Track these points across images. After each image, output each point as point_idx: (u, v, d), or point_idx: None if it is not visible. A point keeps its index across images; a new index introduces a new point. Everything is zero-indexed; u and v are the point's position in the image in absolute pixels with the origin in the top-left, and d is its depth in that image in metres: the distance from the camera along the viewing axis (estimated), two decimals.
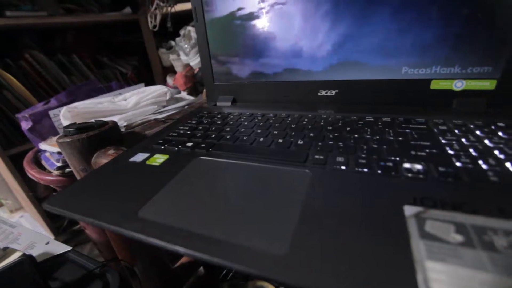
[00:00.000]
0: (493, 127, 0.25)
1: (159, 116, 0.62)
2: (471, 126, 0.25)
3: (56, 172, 0.54)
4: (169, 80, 1.17)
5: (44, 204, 0.21)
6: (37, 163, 0.62)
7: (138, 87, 0.87)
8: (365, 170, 0.20)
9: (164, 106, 0.69)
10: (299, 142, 0.25)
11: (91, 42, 1.12)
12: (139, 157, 0.26)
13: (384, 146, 0.23)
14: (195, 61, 1.03)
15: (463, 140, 0.23)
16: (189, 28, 1.06)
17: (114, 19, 1.04)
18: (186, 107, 0.65)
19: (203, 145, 0.27)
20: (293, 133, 0.28)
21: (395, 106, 0.32)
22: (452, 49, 0.28)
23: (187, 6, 0.94)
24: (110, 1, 1.05)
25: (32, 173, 0.57)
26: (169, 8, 0.97)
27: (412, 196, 0.17)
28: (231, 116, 0.35)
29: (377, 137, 0.25)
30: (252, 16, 0.35)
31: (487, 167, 0.19)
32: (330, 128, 0.28)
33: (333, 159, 0.22)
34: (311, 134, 0.27)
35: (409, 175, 0.19)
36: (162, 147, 0.28)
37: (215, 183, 0.21)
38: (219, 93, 0.42)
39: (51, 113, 0.70)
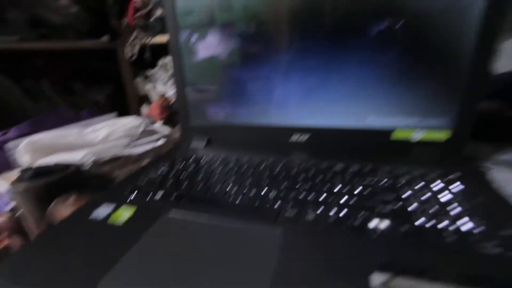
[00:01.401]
0: (452, 175, 0.27)
1: (131, 151, 0.60)
2: (430, 178, 0.27)
3: (8, 214, 0.49)
4: (145, 108, 1.15)
5: None
6: None
7: (110, 116, 0.84)
8: (335, 229, 0.20)
9: (137, 139, 0.67)
10: (270, 196, 0.26)
11: (63, 68, 1.08)
12: (103, 211, 0.25)
13: (354, 200, 0.24)
14: (172, 92, 1.03)
15: (423, 193, 0.24)
16: (167, 59, 1.07)
17: (91, 47, 1.03)
18: (160, 142, 0.64)
19: (174, 195, 0.26)
20: (265, 184, 0.28)
21: (361, 152, 0.33)
22: (411, 103, 0.31)
23: (166, 38, 0.95)
24: (88, 28, 1.04)
25: None
26: (148, 39, 0.97)
27: (378, 260, 0.17)
28: (205, 161, 0.34)
29: (347, 188, 0.26)
30: (227, 63, 0.37)
31: (443, 225, 0.20)
32: (302, 177, 0.28)
33: (304, 214, 0.22)
34: (283, 185, 0.27)
35: (374, 234, 0.20)
36: (129, 197, 0.27)
37: (182, 249, 0.20)
38: (194, 133, 0.41)
39: (7, 145, 0.65)
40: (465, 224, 0.20)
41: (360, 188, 0.26)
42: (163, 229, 0.22)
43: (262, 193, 0.26)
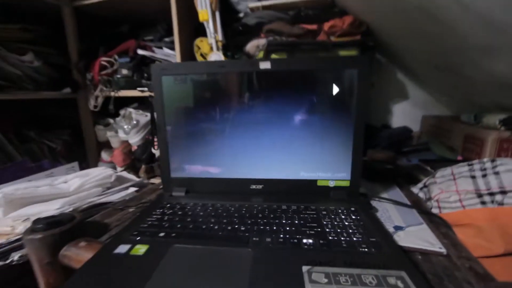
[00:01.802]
0: (350, 208, 0.44)
1: (105, 200, 0.66)
2: (339, 211, 0.44)
3: None
4: (104, 155, 1.18)
5: None
6: None
7: (72, 165, 0.88)
8: (283, 246, 0.35)
9: (109, 188, 0.73)
10: (242, 228, 0.39)
11: (15, 115, 1.07)
12: (122, 249, 0.35)
13: (293, 228, 0.39)
14: (134, 140, 1.10)
15: (333, 221, 0.41)
16: (130, 109, 1.16)
17: (51, 98, 1.06)
18: (131, 189, 0.71)
19: (173, 234, 0.38)
20: (236, 221, 0.41)
21: (299, 195, 0.49)
22: (325, 165, 0.49)
23: (130, 93, 1.06)
24: (47, 80, 1.08)
25: None
26: (112, 93, 1.06)
27: (306, 259, 0.32)
28: (188, 207, 0.46)
29: (289, 221, 0.41)
30: (199, 136, 0.51)
31: (342, 238, 0.36)
32: (260, 216, 0.42)
33: (264, 240, 0.36)
34: (249, 222, 0.41)
35: (305, 246, 0.34)
36: (138, 238, 0.37)
37: (190, 266, 0.31)
38: (174, 184, 0.53)
39: None
40: (354, 236, 0.37)
41: (297, 221, 0.41)
42: (174, 256, 0.33)
43: (236, 227, 0.39)
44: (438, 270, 0.33)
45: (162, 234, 0.38)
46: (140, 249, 0.34)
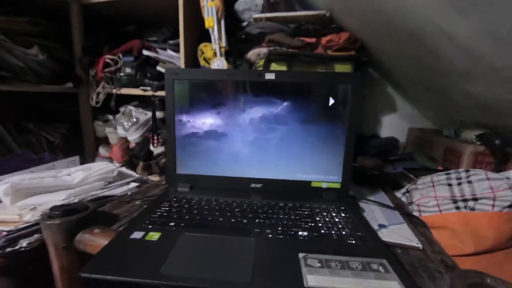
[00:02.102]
0: (340, 208, 0.49)
1: (108, 193, 0.69)
2: (330, 209, 0.49)
3: None
4: (102, 150, 1.20)
5: (81, 273, 0.31)
6: None
7: (73, 159, 0.90)
8: (281, 236, 0.39)
9: (110, 182, 0.76)
10: (244, 221, 0.43)
11: (16, 106, 1.08)
12: (137, 235, 0.38)
13: (290, 222, 0.43)
14: (133, 137, 1.13)
15: (325, 217, 0.46)
16: (130, 107, 1.19)
17: (52, 91, 1.08)
18: (134, 185, 0.74)
19: (182, 224, 0.42)
20: (239, 215, 0.45)
21: (294, 194, 0.54)
22: (319, 167, 0.54)
23: (133, 91, 1.09)
24: (50, 73, 1.09)
25: None
26: (114, 90, 1.09)
27: (302, 248, 0.36)
28: (194, 201, 0.50)
29: (286, 216, 0.45)
30: (204, 137, 0.55)
31: (333, 232, 0.41)
32: (260, 211, 0.47)
33: (264, 231, 0.41)
34: (250, 216, 0.45)
35: (301, 238, 0.39)
36: (150, 226, 0.41)
37: (201, 249, 0.36)
38: (180, 180, 0.57)
39: None
40: (343, 230, 0.42)
41: (293, 216, 0.46)
42: (185, 242, 0.37)
43: (238, 220, 0.44)
44: (414, 262, 0.38)
45: (172, 224, 0.42)
46: (154, 235, 0.38)
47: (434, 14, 0.55)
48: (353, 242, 0.39)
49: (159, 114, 1.08)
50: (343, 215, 0.47)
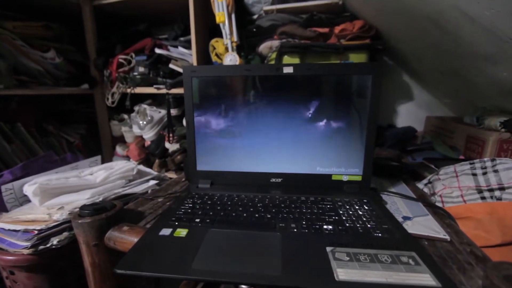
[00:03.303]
0: (363, 200, 0.49)
1: (129, 191, 0.71)
2: (353, 202, 0.49)
3: (27, 251, 0.55)
4: (119, 149, 1.23)
5: (116, 269, 0.32)
6: None
7: (95, 159, 0.92)
8: (306, 231, 0.39)
9: (131, 180, 0.78)
10: (268, 216, 0.44)
11: (36, 109, 1.12)
12: (165, 231, 0.39)
13: (314, 216, 0.43)
14: (149, 135, 1.15)
15: (349, 210, 0.45)
16: (144, 106, 1.20)
17: (69, 93, 1.10)
18: (154, 182, 0.76)
19: (207, 220, 0.42)
20: (262, 210, 0.46)
21: (315, 188, 0.54)
22: (340, 161, 0.54)
23: (146, 90, 1.10)
24: (66, 76, 1.12)
25: None
26: (129, 90, 1.11)
27: (329, 242, 0.36)
28: (216, 197, 0.51)
29: (309, 210, 0.45)
30: (227, 129, 0.55)
31: (358, 225, 0.41)
32: (283, 205, 0.47)
33: (289, 225, 0.41)
34: (273, 210, 0.45)
35: (326, 231, 0.39)
36: (177, 223, 0.42)
37: (229, 244, 0.36)
38: (200, 177, 0.57)
39: (3, 187, 0.69)
40: (368, 223, 0.42)
41: (316, 210, 0.46)
42: (212, 237, 0.38)
43: (262, 215, 0.44)
44: (442, 253, 0.38)
45: (197, 220, 0.42)
46: (182, 232, 0.39)
47: None
48: (380, 235, 0.39)
49: (173, 112, 1.09)
50: (366, 207, 0.47)
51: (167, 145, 1.13)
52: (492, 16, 0.49)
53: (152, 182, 0.78)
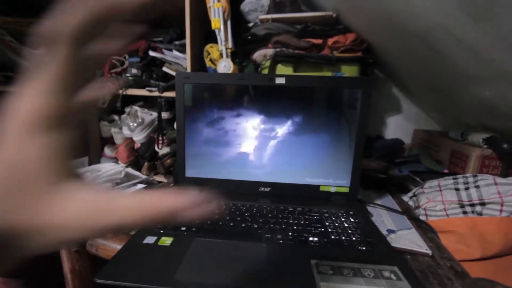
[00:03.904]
0: (349, 212, 0.49)
1: None
2: (339, 214, 0.49)
3: None
4: (107, 150, 1.21)
5: (96, 279, 0.31)
6: None
7: (82, 160, 0.91)
8: (292, 242, 0.40)
9: (118, 184, 0.76)
10: (254, 226, 0.44)
11: None
12: (150, 239, 0.39)
13: (300, 227, 0.44)
14: (139, 137, 1.13)
15: (335, 222, 0.46)
16: (136, 107, 1.19)
17: None
18: (141, 186, 0.75)
19: (193, 229, 0.42)
20: (249, 219, 0.46)
21: (302, 198, 0.54)
22: (327, 172, 0.54)
23: (138, 92, 1.09)
24: None
25: None
26: (120, 91, 1.09)
27: (314, 254, 0.37)
28: None
29: (296, 221, 0.46)
30: (213, 142, 0.55)
31: (343, 238, 0.41)
32: (270, 215, 0.47)
33: (275, 236, 0.41)
34: (260, 220, 0.45)
35: (312, 244, 0.40)
36: (162, 231, 0.41)
37: (214, 255, 0.36)
38: (188, 183, 0.57)
39: None
40: (353, 236, 0.42)
41: (302, 221, 0.46)
42: (197, 247, 0.37)
43: (249, 224, 0.44)
44: (424, 268, 0.39)
45: (183, 228, 0.42)
46: (166, 240, 0.39)
47: (443, 18, 0.55)
48: (364, 248, 0.39)
49: (164, 115, 1.08)
50: (352, 220, 0.47)
51: (156, 148, 1.12)
52: (476, 38, 0.51)
53: (140, 186, 0.76)
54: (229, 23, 0.93)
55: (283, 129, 0.54)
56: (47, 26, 0.14)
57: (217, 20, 0.91)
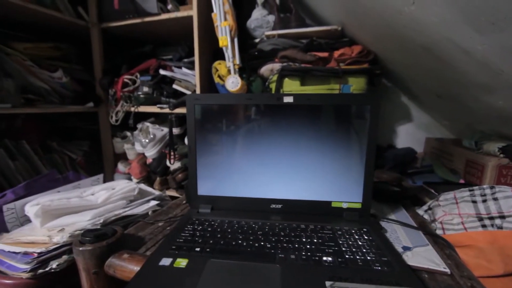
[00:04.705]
0: (363, 229, 0.49)
1: (130, 212, 0.71)
2: (352, 231, 0.49)
3: (26, 275, 0.54)
4: (121, 166, 1.24)
5: None
6: None
7: (97, 178, 0.93)
8: (305, 262, 0.39)
9: (132, 201, 0.78)
10: (268, 246, 0.44)
11: (41, 126, 1.14)
12: (165, 261, 0.39)
13: (313, 246, 0.44)
14: (151, 153, 1.16)
15: (348, 240, 0.46)
16: (147, 124, 1.22)
17: (75, 111, 1.13)
18: (154, 203, 0.76)
19: (207, 249, 0.42)
20: (262, 238, 0.46)
21: (314, 215, 0.54)
22: (340, 187, 0.54)
23: (150, 109, 1.12)
24: (72, 94, 1.14)
25: None
26: (132, 108, 1.13)
27: (328, 275, 0.36)
28: (216, 224, 0.51)
29: (309, 240, 0.45)
30: (228, 155, 0.56)
31: (358, 257, 0.41)
32: (282, 234, 0.47)
33: (289, 256, 0.41)
34: (273, 239, 0.46)
35: (326, 263, 0.39)
36: (177, 252, 0.42)
37: (228, 277, 0.36)
38: (201, 201, 0.58)
39: (5, 207, 0.69)
40: (368, 255, 0.42)
41: (315, 239, 0.46)
42: (211, 269, 0.38)
43: (262, 244, 0.44)
44: None
45: (197, 249, 0.43)
46: (181, 262, 0.39)
47: (449, 31, 0.55)
48: (379, 268, 0.39)
49: (175, 130, 1.11)
50: (366, 237, 0.47)
51: (168, 163, 1.14)
52: (484, 51, 0.51)
53: (153, 203, 0.78)
54: (236, 40, 0.96)
55: (293, 146, 0.55)
56: None
57: (225, 38, 0.93)
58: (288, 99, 0.52)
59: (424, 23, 0.56)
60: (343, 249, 0.43)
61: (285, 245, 0.44)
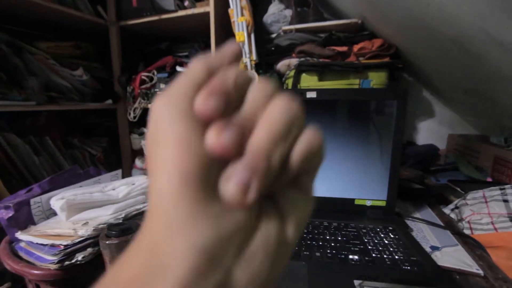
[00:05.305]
0: (388, 228, 0.47)
1: None
2: (377, 229, 0.47)
3: (53, 267, 0.56)
4: (138, 162, 1.26)
5: None
6: (16, 255, 0.62)
7: (116, 173, 0.95)
8: (331, 260, 0.39)
9: None
10: None
11: (63, 123, 1.17)
12: None
13: (338, 244, 0.43)
14: None
15: (374, 239, 0.44)
16: None
17: (94, 108, 1.16)
18: None
19: None
20: None
21: (336, 212, 0.53)
22: (363, 184, 0.53)
23: None
24: (91, 92, 1.17)
25: (18, 267, 0.57)
26: (150, 105, 1.14)
27: (356, 274, 0.36)
28: None
29: (333, 237, 0.45)
30: None
31: (385, 256, 0.40)
32: (305, 231, 0.47)
33: (313, 254, 0.40)
34: None
35: (352, 262, 0.38)
36: None
37: None
38: None
39: (32, 201, 0.72)
40: (396, 254, 0.40)
41: (340, 237, 0.45)
42: None
43: None
44: None
45: None
46: None
47: (481, 21, 0.52)
48: (409, 268, 0.37)
49: None
50: (392, 236, 0.46)
51: None
52: None
53: None
54: (252, 35, 0.95)
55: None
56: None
57: (241, 34, 0.93)
58: (311, 95, 0.51)
59: (455, 14, 0.54)
60: (369, 247, 0.42)
61: (309, 242, 0.43)
